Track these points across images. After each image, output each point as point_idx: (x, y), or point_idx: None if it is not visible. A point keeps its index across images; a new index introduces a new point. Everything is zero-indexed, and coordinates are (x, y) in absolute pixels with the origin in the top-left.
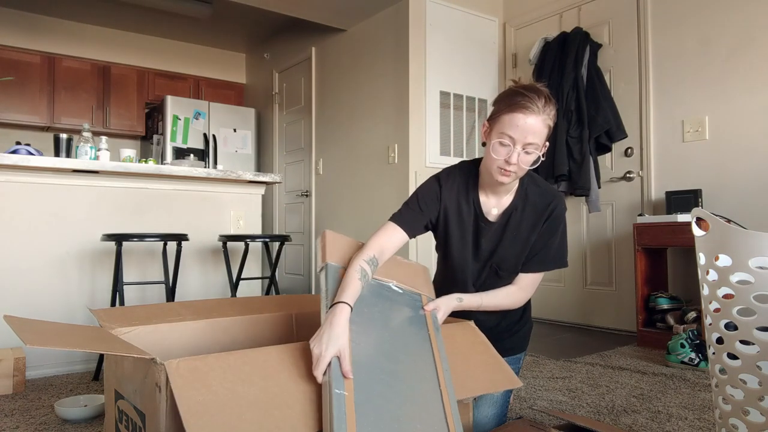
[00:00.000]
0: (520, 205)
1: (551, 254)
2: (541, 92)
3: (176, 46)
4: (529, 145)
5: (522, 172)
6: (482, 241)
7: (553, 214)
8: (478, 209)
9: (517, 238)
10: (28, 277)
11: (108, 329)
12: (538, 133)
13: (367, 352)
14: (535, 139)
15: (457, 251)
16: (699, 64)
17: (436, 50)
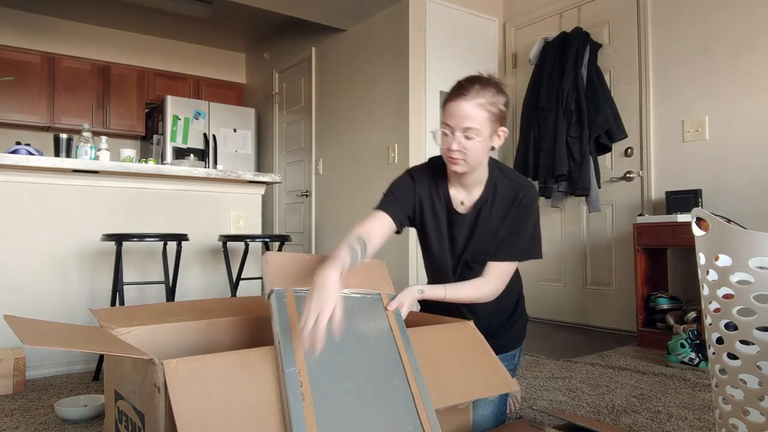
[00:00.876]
0: (490, 197)
1: (521, 244)
2: (479, 79)
3: (176, 46)
4: (468, 130)
5: (473, 159)
6: (456, 233)
7: (522, 202)
8: (448, 202)
9: (489, 230)
10: (28, 277)
11: (108, 329)
12: (472, 117)
13: (329, 373)
14: (472, 123)
15: (435, 244)
16: (699, 64)
17: (436, 50)
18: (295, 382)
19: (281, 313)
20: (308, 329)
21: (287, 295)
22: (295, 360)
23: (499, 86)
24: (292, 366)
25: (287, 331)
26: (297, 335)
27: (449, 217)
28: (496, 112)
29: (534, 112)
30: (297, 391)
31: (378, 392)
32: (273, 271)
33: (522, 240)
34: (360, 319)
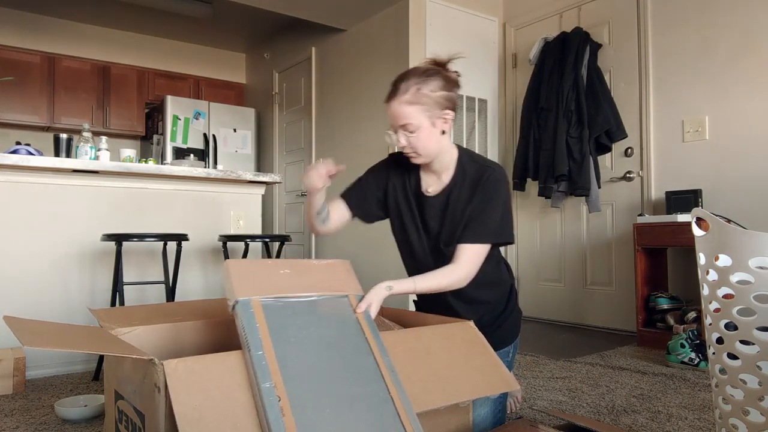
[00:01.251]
0: (460, 180)
1: (489, 225)
2: (406, 73)
3: (176, 46)
4: (405, 126)
5: (424, 150)
6: (427, 218)
7: (487, 180)
8: (418, 186)
9: (459, 213)
10: (28, 277)
11: (108, 329)
12: (402, 114)
13: (306, 384)
14: (405, 120)
15: (404, 229)
16: (699, 64)
17: (436, 50)
18: (273, 397)
19: (249, 325)
20: None
21: (254, 305)
22: (270, 374)
23: (430, 72)
24: (268, 381)
25: (258, 344)
26: (269, 346)
27: (418, 200)
28: (428, 101)
29: (534, 112)
30: (276, 406)
31: (357, 399)
32: (236, 280)
33: (489, 221)
34: (330, 323)
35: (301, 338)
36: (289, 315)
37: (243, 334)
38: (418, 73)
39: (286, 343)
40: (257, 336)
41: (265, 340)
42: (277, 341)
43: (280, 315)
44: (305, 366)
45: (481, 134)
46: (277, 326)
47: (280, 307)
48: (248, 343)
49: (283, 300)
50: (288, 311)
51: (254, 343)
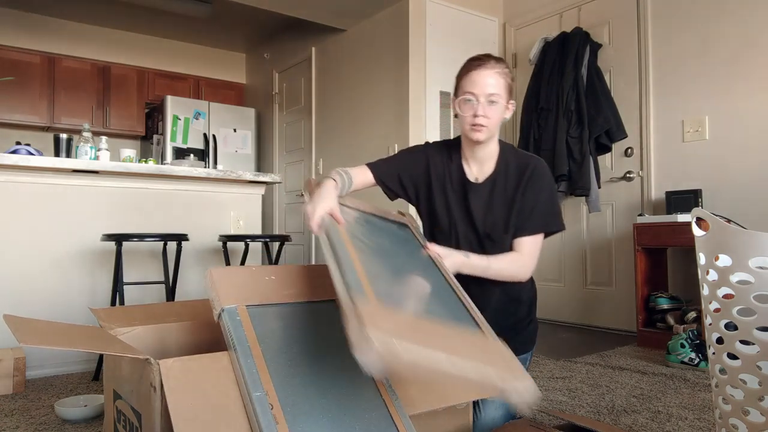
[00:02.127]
0: (503, 170)
1: (544, 214)
2: (491, 54)
3: (176, 46)
4: (492, 95)
5: (493, 126)
6: (471, 206)
7: (535, 171)
8: (462, 174)
9: (504, 201)
10: (28, 277)
11: (107, 329)
12: (494, 84)
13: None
14: (495, 89)
15: (446, 216)
16: (699, 64)
17: (436, 50)
18: (265, 405)
19: (237, 333)
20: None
21: (240, 313)
22: (261, 383)
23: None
24: (260, 390)
25: (248, 352)
26: (258, 354)
27: (463, 186)
28: (510, 82)
29: (534, 112)
30: (268, 414)
31: (350, 405)
32: (221, 289)
33: (541, 211)
34: (318, 329)
35: (290, 344)
36: (276, 321)
37: (231, 342)
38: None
39: (276, 350)
40: (245, 344)
41: (254, 347)
42: (266, 348)
43: (268, 321)
44: (296, 373)
45: None
46: (265, 333)
47: (267, 314)
48: (237, 352)
49: (269, 306)
50: (275, 317)
51: (243, 353)
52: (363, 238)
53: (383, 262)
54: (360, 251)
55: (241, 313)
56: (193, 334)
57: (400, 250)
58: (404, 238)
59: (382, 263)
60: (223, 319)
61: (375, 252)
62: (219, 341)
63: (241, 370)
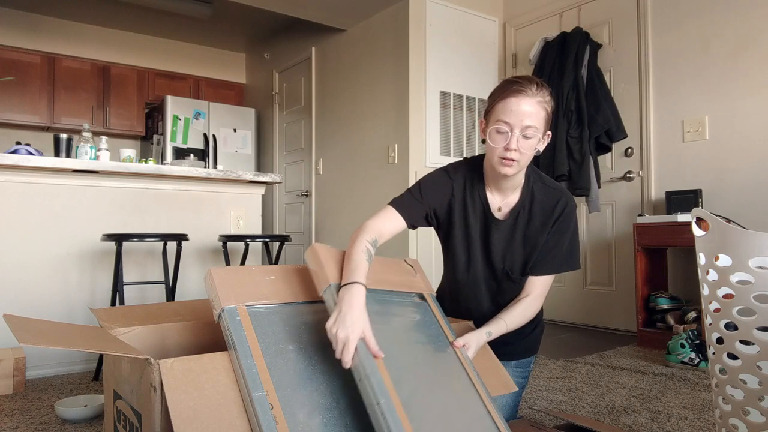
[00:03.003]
0: (528, 203)
1: (563, 255)
2: (533, 79)
3: (176, 46)
4: (528, 129)
5: (525, 160)
6: (492, 241)
7: (564, 212)
8: (485, 205)
9: (527, 238)
10: (28, 277)
11: (107, 329)
12: (534, 115)
13: (295, 392)
14: (533, 121)
15: (465, 251)
16: (699, 64)
17: (436, 50)
18: (265, 405)
19: (237, 334)
20: (338, 355)
21: (240, 313)
22: (261, 383)
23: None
24: (260, 390)
25: (248, 353)
26: (258, 354)
27: (485, 222)
28: (551, 112)
29: None
30: (268, 414)
31: (348, 405)
32: (221, 289)
33: (563, 251)
34: (318, 328)
35: (290, 345)
36: (276, 321)
37: (231, 342)
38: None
39: (276, 350)
40: (245, 344)
41: (254, 347)
42: (266, 348)
43: (268, 322)
44: (296, 373)
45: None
46: (265, 333)
47: (267, 314)
48: (237, 352)
49: (269, 307)
50: (275, 317)
51: (243, 351)
52: (391, 351)
53: (419, 388)
54: (396, 383)
55: (241, 314)
56: (193, 334)
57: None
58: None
59: (419, 389)
60: (223, 320)
61: (405, 366)
62: (219, 341)
63: (241, 370)
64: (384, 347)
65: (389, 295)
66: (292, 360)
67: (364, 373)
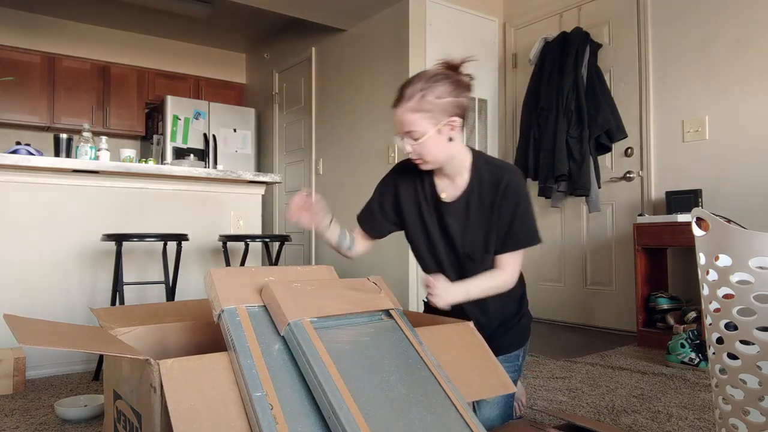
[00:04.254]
0: (476, 184)
1: (521, 231)
2: (412, 78)
3: (176, 46)
4: (410, 134)
5: (431, 157)
6: (448, 225)
7: (509, 186)
8: (434, 192)
9: (481, 219)
10: (28, 277)
11: (107, 329)
12: (406, 122)
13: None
14: (411, 127)
15: (424, 238)
16: (699, 64)
17: (436, 50)
18: (265, 406)
19: (237, 334)
20: None
21: (240, 314)
22: (261, 383)
23: (438, 76)
24: (260, 391)
25: (247, 353)
26: (258, 355)
27: (437, 207)
28: (434, 108)
29: (534, 112)
30: (268, 414)
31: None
32: (220, 289)
33: (518, 230)
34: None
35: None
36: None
37: (231, 342)
38: (425, 79)
39: (276, 351)
40: (245, 344)
41: (254, 348)
42: (266, 349)
43: (268, 322)
44: (296, 373)
45: (481, 134)
46: (265, 334)
47: (266, 315)
48: (236, 352)
49: None
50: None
51: (243, 352)
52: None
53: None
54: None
55: (240, 314)
56: (193, 334)
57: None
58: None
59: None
60: (223, 320)
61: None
62: (219, 341)
63: (240, 370)
64: (354, 379)
65: (355, 317)
66: (291, 360)
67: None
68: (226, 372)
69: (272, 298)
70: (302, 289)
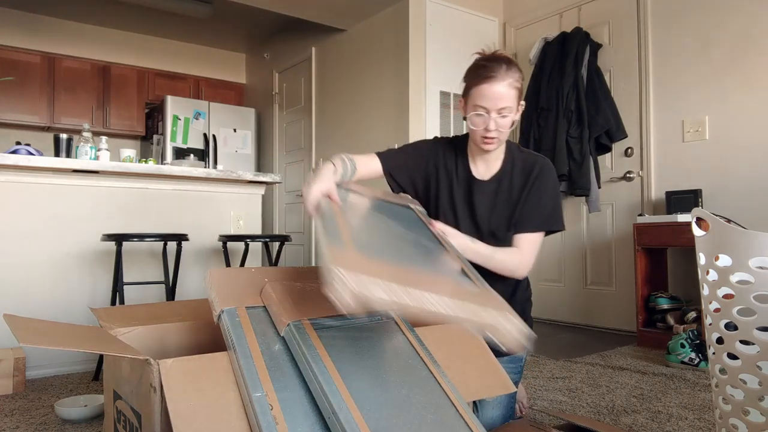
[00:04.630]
0: (509, 169)
1: (545, 213)
2: (501, 58)
3: (176, 46)
4: (503, 110)
5: (504, 136)
6: (476, 203)
7: (542, 171)
8: (468, 171)
9: (509, 200)
10: (28, 277)
11: (107, 329)
12: (505, 97)
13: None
14: (506, 102)
15: (450, 213)
16: (699, 64)
17: (436, 50)
18: (265, 406)
19: (237, 335)
20: (312, 204)
21: (240, 314)
22: (261, 383)
23: (513, 61)
24: (260, 391)
25: (247, 353)
26: (258, 355)
27: (469, 186)
28: (520, 87)
29: (534, 112)
30: (268, 414)
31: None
32: (220, 290)
33: (544, 210)
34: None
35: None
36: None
37: (230, 343)
38: (510, 61)
39: (275, 351)
40: (245, 344)
41: (254, 348)
42: (266, 349)
43: (267, 323)
44: (296, 373)
45: None
46: (265, 334)
47: (266, 315)
48: (236, 353)
49: None
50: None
51: (243, 352)
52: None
53: (377, 234)
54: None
55: (240, 315)
56: (193, 334)
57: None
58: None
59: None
60: (223, 321)
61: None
62: (219, 341)
63: (240, 370)
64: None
65: (355, 318)
66: (291, 360)
67: (332, 410)
68: (226, 372)
69: (272, 299)
70: (302, 289)
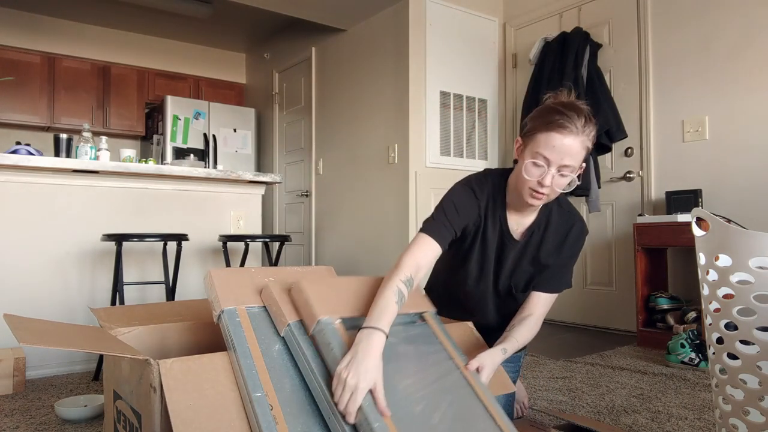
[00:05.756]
0: (543, 224)
1: (567, 277)
2: (581, 110)
3: (176, 46)
4: (565, 168)
5: (554, 195)
6: (504, 258)
7: (579, 236)
8: (504, 226)
9: (537, 258)
10: (28, 277)
11: (107, 329)
12: (575, 155)
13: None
14: (572, 161)
15: (475, 268)
16: (699, 64)
17: (436, 50)
18: (265, 406)
19: (237, 335)
20: (342, 405)
21: (240, 314)
22: (261, 384)
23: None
24: (260, 391)
25: (247, 353)
26: (258, 355)
27: (502, 241)
28: (590, 148)
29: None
30: (268, 414)
31: None
32: (220, 290)
33: (567, 274)
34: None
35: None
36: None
37: (231, 343)
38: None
39: (275, 351)
40: (245, 345)
41: (254, 348)
42: (266, 349)
43: (267, 323)
44: (296, 373)
45: (481, 134)
46: (265, 334)
47: (266, 315)
48: (236, 353)
49: None
50: None
51: (243, 352)
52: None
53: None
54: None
55: (240, 315)
56: (193, 334)
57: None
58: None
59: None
60: (223, 321)
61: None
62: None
63: (240, 371)
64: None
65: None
66: (291, 361)
67: (332, 410)
68: (226, 372)
69: (272, 299)
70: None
